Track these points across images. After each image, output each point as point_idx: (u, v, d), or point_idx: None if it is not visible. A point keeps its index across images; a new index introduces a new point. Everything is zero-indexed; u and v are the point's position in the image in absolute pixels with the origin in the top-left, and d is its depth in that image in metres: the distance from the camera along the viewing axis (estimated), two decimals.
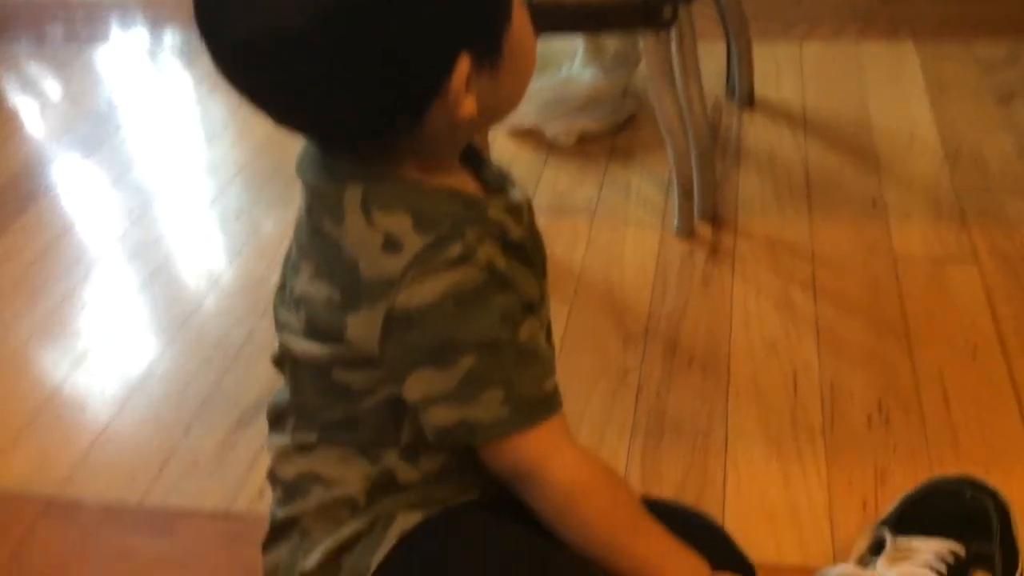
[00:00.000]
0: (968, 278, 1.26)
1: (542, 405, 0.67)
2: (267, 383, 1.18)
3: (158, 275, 1.42)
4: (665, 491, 1.01)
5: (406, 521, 0.71)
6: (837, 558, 0.92)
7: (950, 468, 0.99)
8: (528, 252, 0.69)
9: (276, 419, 0.76)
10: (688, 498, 1.00)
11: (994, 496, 0.82)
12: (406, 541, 0.70)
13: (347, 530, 0.71)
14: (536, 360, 0.67)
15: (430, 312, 0.63)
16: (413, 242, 0.63)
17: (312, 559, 0.72)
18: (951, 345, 1.16)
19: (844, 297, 1.26)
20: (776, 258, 1.33)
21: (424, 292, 0.63)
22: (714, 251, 1.35)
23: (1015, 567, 0.79)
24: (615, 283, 1.31)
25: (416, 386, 0.66)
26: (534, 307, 0.69)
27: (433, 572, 0.70)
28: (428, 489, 0.71)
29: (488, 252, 0.64)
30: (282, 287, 0.72)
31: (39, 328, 1.33)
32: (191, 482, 1.08)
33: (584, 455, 0.69)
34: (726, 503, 1.00)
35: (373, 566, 0.70)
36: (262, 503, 1.03)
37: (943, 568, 0.73)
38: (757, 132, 1.60)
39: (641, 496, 0.97)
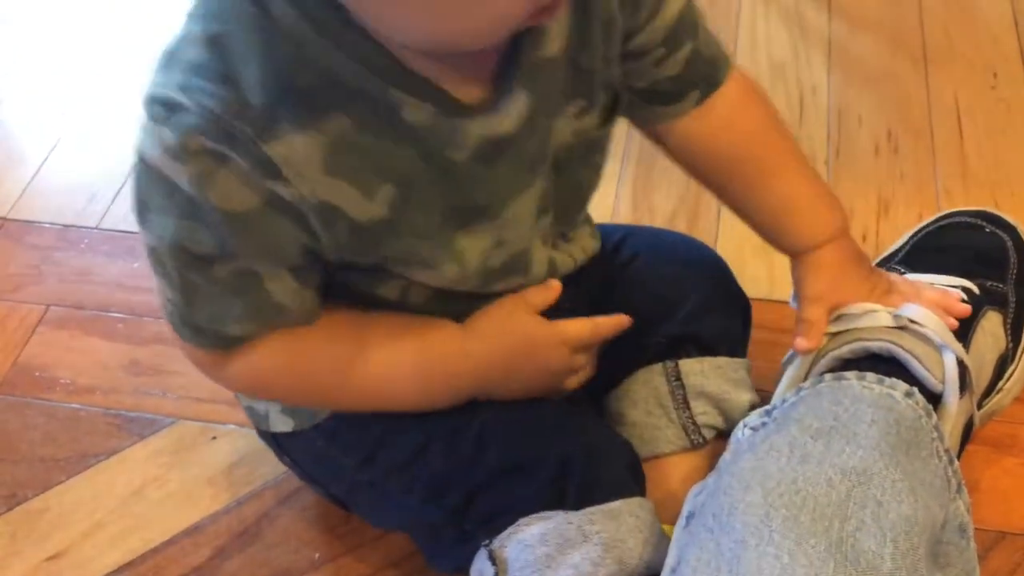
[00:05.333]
0: None
1: (211, 339, 0.57)
2: None
3: None
4: (656, 222, 0.96)
5: None
6: None
7: (959, 201, 0.95)
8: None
9: None
10: (679, 229, 0.95)
11: (1014, 232, 0.77)
12: None
13: None
14: (224, 300, 0.55)
15: (141, 160, 0.52)
16: (164, 79, 0.50)
17: None
18: (970, 69, 1.09)
19: (861, 13, 1.16)
20: None
21: (144, 141, 0.52)
22: None
23: None
24: None
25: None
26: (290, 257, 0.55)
27: (397, 422, 0.64)
28: None
29: (205, 175, 0.49)
30: None
31: None
32: None
33: (258, 365, 0.59)
34: (719, 235, 0.95)
35: None
36: None
37: None
38: None
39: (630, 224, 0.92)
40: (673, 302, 0.72)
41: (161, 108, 0.50)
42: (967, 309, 0.69)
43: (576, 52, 0.56)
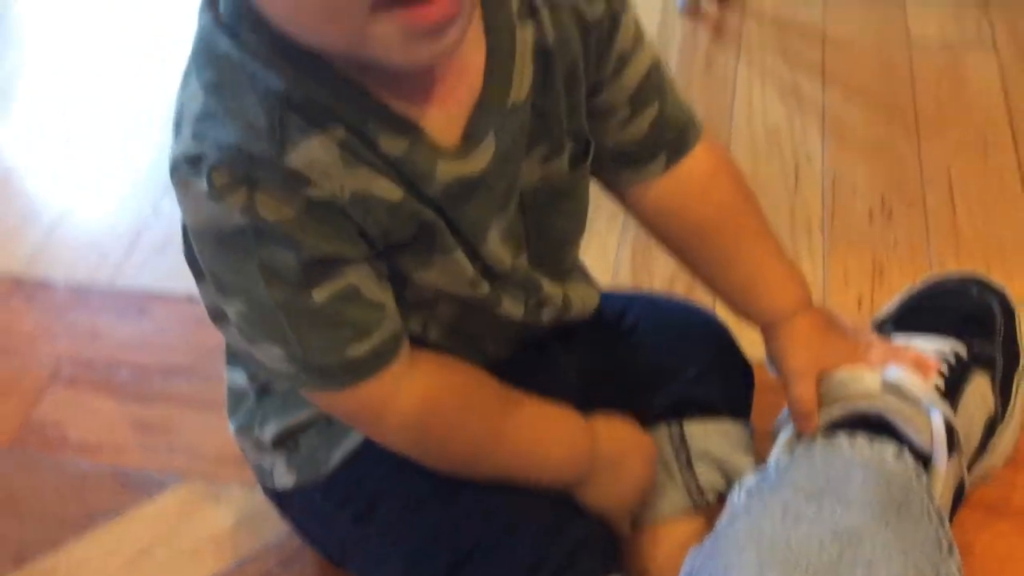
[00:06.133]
0: (985, 66, 1.19)
1: (342, 372, 0.57)
2: None
3: (127, 47, 1.32)
4: (655, 285, 0.98)
5: None
6: None
7: (951, 266, 0.96)
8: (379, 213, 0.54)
9: None
10: (678, 292, 0.97)
11: (1000, 296, 0.79)
12: (369, 443, 0.64)
13: (303, 414, 0.66)
14: (333, 325, 0.55)
15: (196, 236, 0.55)
16: (180, 141, 0.52)
17: (268, 431, 0.68)
18: (961, 138, 1.11)
19: (854, 84, 1.19)
20: (785, 40, 1.25)
21: (188, 211, 0.54)
22: (719, 31, 1.27)
23: (1015, 368, 0.76)
24: None
25: (205, 294, 0.59)
26: (361, 259, 0.56)
27: (395, 479, 0.65)
28: None
29: (247, 199, 0.50)
30: None
31: None
32: (163, 263, 1.04)
33: (424, 383, 0.59)
34: (717, 301, 0.97)
35: (335, 460, 0.66)
36: None
37: (944, 368, 0.70)
38: None
39: (631, 289, 0.94)
40: (676, 369, 0.73)
41: (185, 166, 0.51)
42: (935, 364, 0.70)
43: (539, 99, 0.58)
